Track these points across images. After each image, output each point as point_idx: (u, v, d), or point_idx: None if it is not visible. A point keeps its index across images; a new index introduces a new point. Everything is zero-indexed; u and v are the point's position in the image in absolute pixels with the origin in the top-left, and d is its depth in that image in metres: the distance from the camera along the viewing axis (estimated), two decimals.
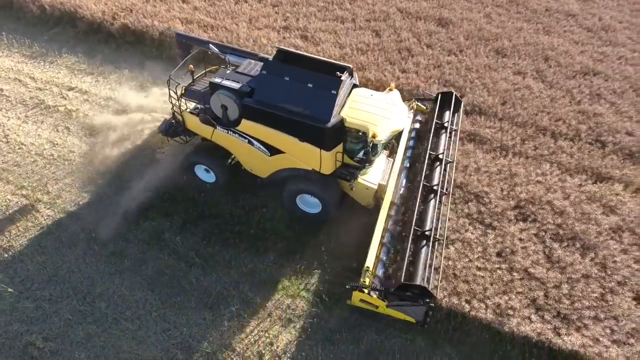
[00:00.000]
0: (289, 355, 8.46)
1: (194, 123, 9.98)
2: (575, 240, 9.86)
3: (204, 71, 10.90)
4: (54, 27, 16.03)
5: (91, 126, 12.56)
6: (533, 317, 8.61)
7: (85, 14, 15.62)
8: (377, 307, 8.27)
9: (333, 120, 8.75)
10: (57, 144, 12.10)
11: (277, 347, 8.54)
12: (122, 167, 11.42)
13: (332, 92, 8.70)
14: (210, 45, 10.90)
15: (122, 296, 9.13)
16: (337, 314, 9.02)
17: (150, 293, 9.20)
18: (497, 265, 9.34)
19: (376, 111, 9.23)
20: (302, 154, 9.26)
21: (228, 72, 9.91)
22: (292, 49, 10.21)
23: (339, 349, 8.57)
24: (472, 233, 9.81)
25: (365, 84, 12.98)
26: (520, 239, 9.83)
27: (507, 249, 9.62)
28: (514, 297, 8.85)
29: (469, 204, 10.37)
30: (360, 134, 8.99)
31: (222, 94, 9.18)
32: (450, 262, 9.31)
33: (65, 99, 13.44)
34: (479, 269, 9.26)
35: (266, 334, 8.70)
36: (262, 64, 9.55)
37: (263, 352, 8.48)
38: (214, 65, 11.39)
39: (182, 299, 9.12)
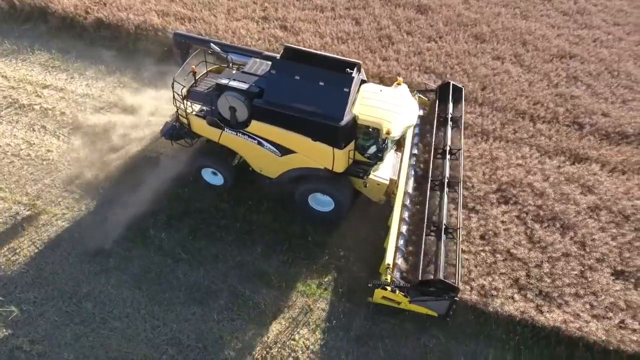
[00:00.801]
0: (279, 344, 8.54)
1: (200, 126, 9.66)
2: (555, 221, 10.12)
3: (206, 71, 10.54)
4: (25, 23, 15.52)
5: (69, 124, 12.28)
6: (516, 296, 8.85)
7: (56, 9, 15.16)
8: (399, 303, 8.37)
9: (346, 118, 8.56)
10: (33, 143, 11.81)
11: (268, 337, 8.61)
12: (104, 166, 11.22)
13: (345, 89, 8.54)
14: (211, 44, 10.46)
15: (108, 295, 9.05)
16: (326, 302, 9.12)
17: (138, 291, 9.13)
18: (480, 248, 9.55)
19: (388, 107, 9.08)
20: (314, 153, 9.09)
21: (234, 72, 9.56)
22: (300, 47, 10.06)
23: (329, 336, 8.68)
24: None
25: None
26: (503, 222, 10.04)
27: (490, 232, 9.83)
28: (497, 278, 9.07)
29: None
30: (371, 130, 8.83)
31: (231, 95, 8.91)
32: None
33: (40, 97, 13.08)
34: (463, 252, 9.44)
35: (256, 325, 8.75)
36: (269, 63, 9.37)
37: (253, 343, 8.54)
38: (212, 65, 11.00)
39: (170, 295, 9.09)
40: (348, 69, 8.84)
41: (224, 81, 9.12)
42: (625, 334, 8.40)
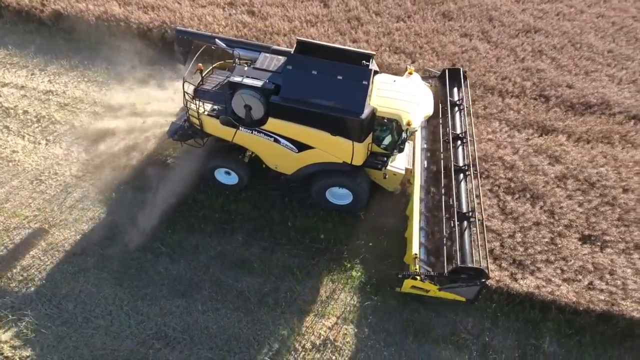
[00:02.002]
0: (266, 332, 8.66)
1: (213, 126, 9.33)
2: (525, 192, 10.49)
3: (211, 68, 10.18)
4: None
5: (34, 123, 11.85)
6: (491, 266, 9.20)
7: (10, 2, 14.41)
8: (427, 291, 8.48)
9: (366, 111, 8.45)
10: None
11: (254, 324, 8.70)
12: (77, 165, 10.93)
13: (364, 82, 8.42)
14: (217, 40, 9.99)
15: (89, 294, 8.94)
16: (310, 287, 9.26)
17: (119, 287, 9.05)
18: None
19: (405, 98, 9.00)
20: (333, 148, 9.00)
21: (246, 68, 9.15)
22: (311, 40, 9.82)
23: (314, 318, 8.84)
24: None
25: None
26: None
27: None
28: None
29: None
30: (387, 121, 8.76)
31: (246, 93, 8.63)
32: None
33: (0, 96, 12.53)
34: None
35: (241, 313, 8.83)
36: (280, 57, 9.14)
37: (239, 332, 8.63)
38: (211, 62, 10.72)
39: (153, 290, 9.05)
40: (364, 61, 8.74)
41: (238, 79, 8.76)
42: (594, 295, 8.88)
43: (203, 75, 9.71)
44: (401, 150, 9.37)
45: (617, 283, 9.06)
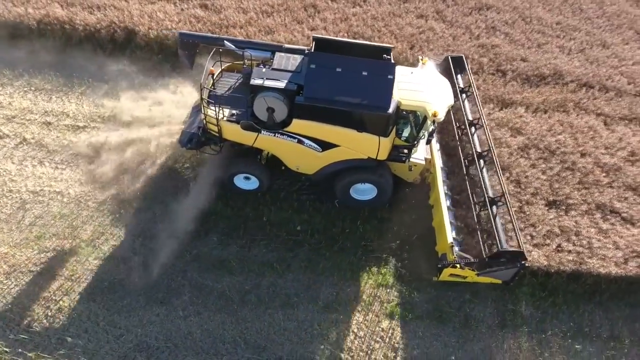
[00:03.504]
0: (252, 330, 8.55)
1: (233, 131, 8.98)
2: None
3: (220, 71, 9.74)
4: None
5: None
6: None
7: None
8: (465, 277, 8.52)
9: (392, 105, 8.36)
10: None
11: (238, 323, 8.57)
12: (32, 180, 10.31)
13: (389, 77, 8.28)
14: (225, 41, 9.51)
15: (61, 314, 8.50)
16: (292, 279, 9.21)
17: (93, 303, 8.65)
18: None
19: (425, 89, 8.96)
20: (359, 145, 8.86)
21: (264, 70, 8.80)
22: (328, 37, 9.62)
23: (299, 310, 8.82)
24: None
25: None
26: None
27: None
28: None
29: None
30: (405, 113, 8.73)
31: (269, 95, 8.32)
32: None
33: None
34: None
35: (224, 314, 8.67)
36: (299, 57, 8.92)
37: (224, 333, 8.48)
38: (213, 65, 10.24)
39: (129, 301, 8.72)
40: (385, 55, 8.64)
41: (259, 81, 8.43)
42: (563, 256, 9.31)
43: (214, 79, 9.38)
44: (429, 141, 9.44)
45: (583, 243, 9.53)
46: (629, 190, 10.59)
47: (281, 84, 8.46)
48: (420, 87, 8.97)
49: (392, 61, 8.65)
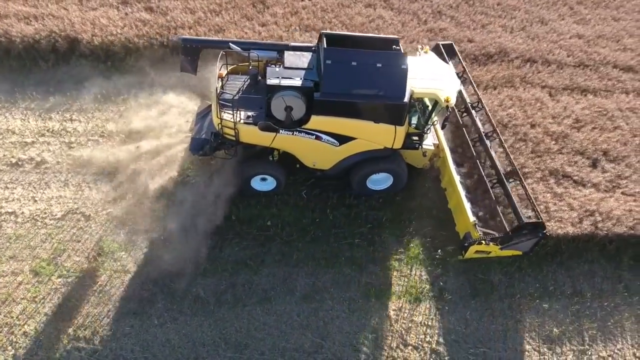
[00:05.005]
0: (231, 330, 8.44)
1: (250, 133, 8.84)
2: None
3: (225, 74, 9.45)
4: None
5: None
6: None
7: None
8: (489, 252, 8.85)
9: (407, 94, 8.50)
10: None
11: (216, 324, 8.44)
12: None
13: (403, 67, 8.42)
14: (230, 44, 9.30)
15: (25, 339, 8.05)
16: (267, 274, 9.17)
17: (61, 323, 8.23)
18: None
19: (434, 76, 9.17)
20: (376, 135, 8.98)
21: (277, 69, 8.73)
22: (336, 32, 9.72)
23: (276, 303, 8.80)
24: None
25: None
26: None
27: None
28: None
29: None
30: (412, 101, 8.84)
31: (287, 95, 8.27)
32: None
33: None
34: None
35: (201, 317, 8.50)
36: (308, 54, 8.94)
37: (203, 336, 8.34)
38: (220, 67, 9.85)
39: (99, 316, 8.37)
40: (394, 46, 8.79)
41: (275, 81, 8.38)
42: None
43: (223, 82, 9.18)
44: (444, 127, 9.71)
45: (541, 208, 10.01)
46: (577, 155, 11.24)
47: (298, 82, 8.55)
48: (429, 75, 9.26)
49: (403, 51, 8.90)
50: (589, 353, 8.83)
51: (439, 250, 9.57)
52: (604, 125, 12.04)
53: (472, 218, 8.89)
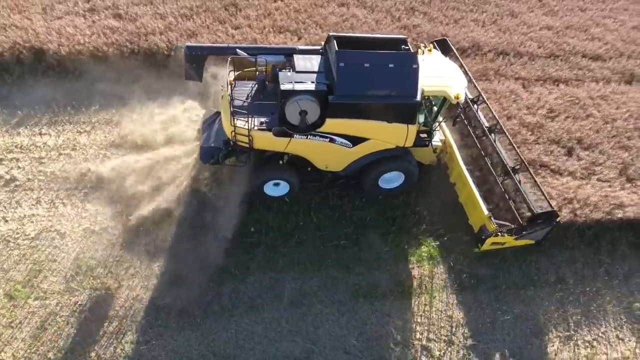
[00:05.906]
0: (220, 341, 8.28)
1: (264, 140, 8.79)
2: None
3: (233, 80, 9.14)
4: None
5: None
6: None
7: None
8: (504, 243, 9.01)
9: (419, 93, 8.50)
10: None
11: (203, 337, 8.26)
12: None
13: (414, 66, 8.38)
14: (237, 50, 9.10)
15: None
16: (253, 281, 9.03)
17: (41, 347, 7.92)
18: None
19: (441, 74, 9.26)
20: (389, 135, 9.04)
21: (289, 74, 8.57)
22: (344, 33, 9.59)
23: (264, 312, 8.68)
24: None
25: None
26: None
27: None
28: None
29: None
30: (425, 99, 8.86)
31: (302, 99, 8.17)
32: None
33: None
34: None
35: (189, 330, 8.32)
36: (317, 57, 8.89)
37: (191, 350, 8.14)
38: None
39: (81, 338, 8.08)
40: (403, 46, 8.80)
41: (289, 86, 8.26)
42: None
43: (232, 89, 8.93)
44: (455, 123, 9.75)
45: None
46: (553, 144, 11.44)
47: (311, 86, 8.48)
48: (435, 73, 9.30)
49: (412, 51, 8.92)
50: (575, 338, 9.01)
51: (426, 245, 9.62)
52: (576, 114, 12.30)
53: (485, 211, 9.02)
